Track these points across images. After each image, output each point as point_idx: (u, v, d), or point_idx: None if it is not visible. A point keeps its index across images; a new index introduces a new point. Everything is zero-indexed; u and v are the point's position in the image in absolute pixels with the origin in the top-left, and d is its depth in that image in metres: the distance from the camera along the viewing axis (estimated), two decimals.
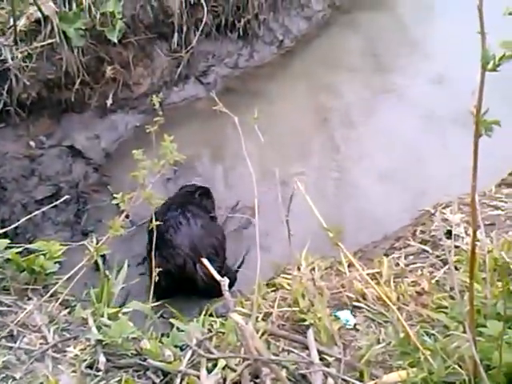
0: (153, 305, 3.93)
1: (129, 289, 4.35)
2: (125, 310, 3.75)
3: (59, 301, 3.69)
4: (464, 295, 3.11)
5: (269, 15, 7.84)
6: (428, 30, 8.07)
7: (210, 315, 3.84)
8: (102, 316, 3.56)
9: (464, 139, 2.28)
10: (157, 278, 3.88)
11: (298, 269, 4.15)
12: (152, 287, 3.94)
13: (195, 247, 4.89)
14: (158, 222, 3.85)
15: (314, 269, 4.22)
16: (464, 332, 2.68)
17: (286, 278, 4.17)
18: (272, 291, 4.12)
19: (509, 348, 2.63)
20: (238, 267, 5.25)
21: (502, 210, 4.61)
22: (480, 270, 3.54)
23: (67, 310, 3.70)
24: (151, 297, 3.87)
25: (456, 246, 4.15)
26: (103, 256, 4.30)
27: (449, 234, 4.30)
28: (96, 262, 4.03)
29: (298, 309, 3.75)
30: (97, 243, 3.80)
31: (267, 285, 4.23)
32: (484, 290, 3.22)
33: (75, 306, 3.73)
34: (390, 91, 7.20)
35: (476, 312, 2.83)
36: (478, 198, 4.60)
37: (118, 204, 3.77)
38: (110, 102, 6.58)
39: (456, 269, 3.88)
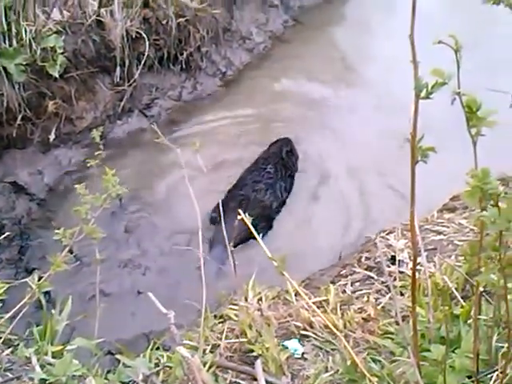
0: (98, 341, 3.87)
1: (74, 325, 4.28)
2: (69, 347, 3.68)
3: (1, 340, 3.60)
4: (409, 320, 3.13)
5: (211, 48, 7.92)
6: (368, 58, 8.29)
7: (158, 349, 3.80)
8: (46, 354, 3.49)
9: (407, 166, 2.29)
10: None
11: (245, 299, 4.14)
12: None
13: None
14: None
15: (261, 299, 4.21)
16: (409, 357, 2.69)
17: (233, 309, 4.15)
18: (219, 323, 4.09)
19: (452, 372, 2.66)
20: None
21: (444, 235, 4.67)
22: (424, 294, 3.58)
23: (10, 350, 3.61)
24: None
25: (401, 272, 4.19)
26: (47, 293, 4.23)
27: (393, 259, 4.35)
28: (39, 300, 3.96)
29: (245, 340, 3.74)
30: (39, 280, 3.73)
31: (215, 316, 4.20)
32: (427, 314, 3.25)
33: (18, 344, 3.65)
34: (332, 119, 7.30)
35: (420, 336, 2.86)
36: (421, 224, 4.67)
37: (60, 239, 3.73)
38: (52, 136, 6.53)
39: (401, 294, 3.92)
